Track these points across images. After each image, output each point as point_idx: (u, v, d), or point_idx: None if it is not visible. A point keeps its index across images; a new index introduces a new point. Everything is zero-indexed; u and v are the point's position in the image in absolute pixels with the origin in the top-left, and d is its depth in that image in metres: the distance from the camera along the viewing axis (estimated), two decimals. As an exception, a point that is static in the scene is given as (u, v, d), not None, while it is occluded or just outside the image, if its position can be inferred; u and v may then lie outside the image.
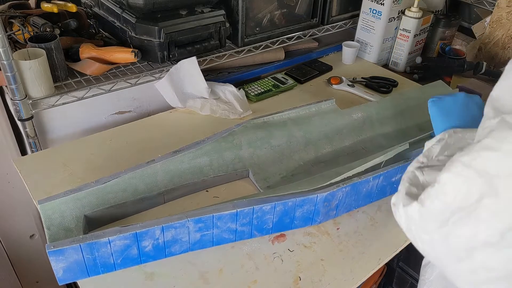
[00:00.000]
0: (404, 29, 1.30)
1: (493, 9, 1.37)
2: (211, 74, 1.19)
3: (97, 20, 1.11)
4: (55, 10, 0.99)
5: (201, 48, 1.06)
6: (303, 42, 1.35)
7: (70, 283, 0.71)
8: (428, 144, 0.60)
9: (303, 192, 0.71)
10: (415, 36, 1.30)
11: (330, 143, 0.91)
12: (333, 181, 0.73)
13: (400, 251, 0.75)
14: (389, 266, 1.20)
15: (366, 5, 1.31)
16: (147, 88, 1.04)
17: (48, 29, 0.94)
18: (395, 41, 1.34)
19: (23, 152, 1.02)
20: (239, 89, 1.11)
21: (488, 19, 1.40)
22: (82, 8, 1.12)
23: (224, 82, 1.12)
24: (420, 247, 0.50)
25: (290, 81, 1.19)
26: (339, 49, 1.38)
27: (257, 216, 0.68)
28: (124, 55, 0.97)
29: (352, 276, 0.69)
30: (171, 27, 0.98)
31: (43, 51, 0.88)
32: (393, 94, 1.14)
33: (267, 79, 1.20)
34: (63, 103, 0.93)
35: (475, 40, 1.47)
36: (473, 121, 0.62)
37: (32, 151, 0.94)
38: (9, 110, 0.95)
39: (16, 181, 1.03)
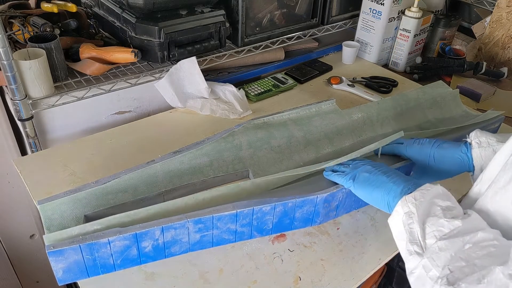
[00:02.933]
0: (404, 29, 1.30)
1: (493, 9, 1.37)
2: (211, 74, 1.19)
3: (97, 20, 1.11)
4: (55, 10, 0.99)
5: (201, 48, 1.06)
6: (303, 42, 1.35)
7: (70, 283, 0.71)
8: (395, 223, 0.58)
9: (302, 191, 0.71)
10: (415, 36, 1.30)
11: (331, 143, 0.91)
12: (326, 165, 0.74)
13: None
14: (389, 266, 1.19)
15: (366, 5, 1.31)
16: (147, 88, 1.04)
17: (48, 29, 0.94)
18: (395, 41, 1.34)
19: (23, 152, 1.02)
20: (239, 89, 1.11)
21: (488, 19, 1.40)
22: (82, 8, 1.12)
23: (224, 82, 1.12)
24: None
25: (290, 81, 1.19)
26: (339, 49, 1.38)
27: (257, 217, 0.68)
28: (124, 55, 0.97)
29: (352, 276, 0.69)
30: (171, 27, 0.98)
31: (43, 51, 0.88)
32: (393, 95, 1.14)
33: (267, 79, 1.20)
34: (63, 103, 0.93)
35: (475, 40, 1.47)
36: (388, 182, 0.65)
37: (32, 151, 0.94)
38: (9, 110, 0.95)
39: (16, 181, 1.03)
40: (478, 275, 0.46)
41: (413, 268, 0.53)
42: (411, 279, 0.53)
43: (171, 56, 1.01)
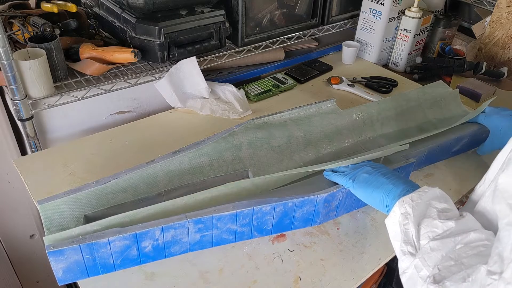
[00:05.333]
0: (404, 29, 1.30)
1: (493, 9, 1.37)
2: (211, 74, 1.19)
3: (97, 20, 1.11)
4: (55, 10, 0.99)
5: (201, 48, 1.06)
6: (303, 42, 1.35)
7: (70, 283, 0.71)
8: (392, 224, 0.59)
9: (302, 191, 0.71)
10: (415, 36, 1.30)
11: (331, 143, 0.91)
12: (327, 167, 0.75)
13: (400, 252, 0.75)
14: (389, 266, 1.19)
15: (366, 5, 1.31)
16: (147, 88, 1.04)
17: (48, 29, 0.94)
18: (395, 41, 1.34)
19: (23, 152, 1.02)
20: (239, 89, 1.11)
21: (488, 19, 1.40)
22: (82, 8, 1.12)
23: (224, 82, 1.12)
24: None
25: (290, 81, 1.19)
26: (339, 49, 1.38)
27: (257, 217, 0.68)
28: (124, 55, 0.97)
29: (352, 276, 0.69)
30: (171, 27, 0.98)
31: (43, 51, 0.88)
32: (394, 95, 1.14)
33: (267, 79, 1.20)
34: (63, 103, 0.93)
35: (475, 40, 1.47)
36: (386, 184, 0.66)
37: (32, 151, 0.94)
38: (9, 110, 0.95)
39: (16, 181, 1.03)
40: (464, 273, 0.46)
41: (406, 268, 0.53)
42: (403, 279, 0.54)
43: (171, 56, 1.01)
